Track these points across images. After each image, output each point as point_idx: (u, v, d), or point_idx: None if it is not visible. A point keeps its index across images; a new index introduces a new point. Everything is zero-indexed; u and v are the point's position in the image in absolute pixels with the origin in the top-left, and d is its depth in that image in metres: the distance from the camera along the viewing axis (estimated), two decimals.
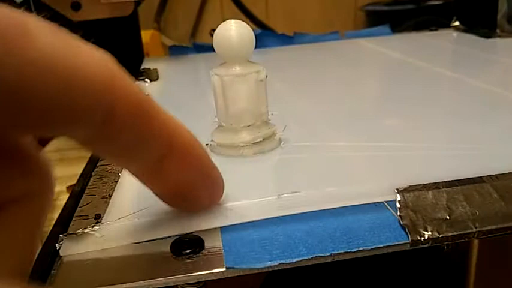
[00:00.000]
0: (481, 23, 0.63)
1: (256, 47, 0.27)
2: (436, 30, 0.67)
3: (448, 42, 0.61)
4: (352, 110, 0.36)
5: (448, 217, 0.20)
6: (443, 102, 0.38)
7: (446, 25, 0.68)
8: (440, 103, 0.37)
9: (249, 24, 0.27)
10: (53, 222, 0.34)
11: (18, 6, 0.62)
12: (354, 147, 0.27)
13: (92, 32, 0.56)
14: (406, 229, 0.19)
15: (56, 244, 0.20)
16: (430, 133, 0.30)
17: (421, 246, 0.19)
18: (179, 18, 1.01)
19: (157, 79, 0.48)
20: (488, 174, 0.22)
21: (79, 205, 0.23)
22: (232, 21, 0.26)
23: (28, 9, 0.59)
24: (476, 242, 0.28)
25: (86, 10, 0.55)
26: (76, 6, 0.55)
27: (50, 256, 0.20)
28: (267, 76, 0.27)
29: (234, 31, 0.26)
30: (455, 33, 0.64)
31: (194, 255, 0.19)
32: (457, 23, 0.66)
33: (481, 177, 0.22)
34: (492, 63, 0.49)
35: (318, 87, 0.44)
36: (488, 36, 0.59)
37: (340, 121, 0.33)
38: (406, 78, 0.45)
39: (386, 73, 0.49)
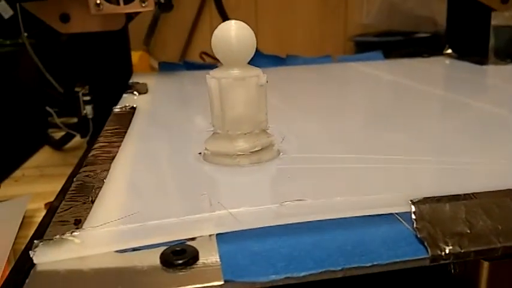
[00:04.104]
0: (473, 51, 0.63)
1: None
2: (428, 57, 0.67)
3: (441, 68, 0.60)
4: (350, 125, 0.34)
5: (469, 231, 0.18)
6: (441, 120, 0.37)
7: (437, 54, 0.68)
8: (437, 121, 0.36)
9: None
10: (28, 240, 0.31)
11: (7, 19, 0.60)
12: (357, 158, 0.26)
13: (81, 45, 0.55)
14: (425, 243, 0.17)
15: (30, 251, 0.17)
16: (434, 146, 0.28)
17: (442, 262, 0.17)
18: (169, 40, 1.00)
19: (146, 92, 0.46)
20: (507, 188, 0.21)
21: (57, 211, 0.21)
22: (233, 21, 0.25)
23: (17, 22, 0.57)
24: (486, 264, 0.26)
25: (75, 22, 0.53)
26: (65, 18, 0.53)
27: (24, 268, 0.17)
28: (267, 81, 0.25)
29: (234, 32, 0.24)
30: (447, 60, 0.64)
31: (187, 267, 0.17)
32: (449, 51, 0.66)
33: (499, 190, 0.20)
34: (486, 86, 0.49)
35: (313, 105, 0.42)
36: (480, 63, 0.59)
37: (339, 135, 0.32)
38: (400, 97, 0.44)
39: (380, 93, 0.48)
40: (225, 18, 0.77)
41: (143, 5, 0.50)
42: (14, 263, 0.39)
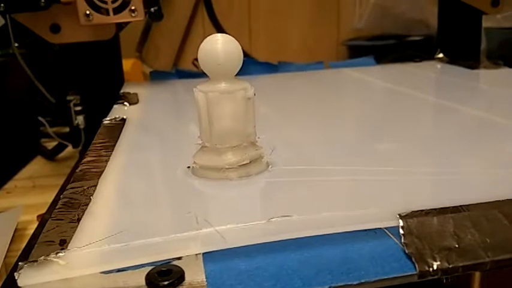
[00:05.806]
0: (465, 55, 0.63)
1: (240, 74, 0.25)
2: (420, 61, 0.67)
3: (432, 73, 0.60)
4: (341, 135, 0.34)
5: (457, 245, 0.18)
6: (433, 127, 0.37)
7: (429, 59, 0.68)
8: (429, 128, 0.36)
9: None
10: (20, 253, 0.31)
11: None
12: (346, 171, 0.26)
13: (72, 55, 0.54)
14: (413, 258, 0.17)
15: (15, 273, 0.17)
16: (423, 158, 0.28)
17: (430, 278, 0.17)
18: (161, 48, 1.00)
19: (137, 103, 0.46)
20: (495, 199, 0.21)
21: (43, 230, 0.20)
22: (219, 35, 0.25)
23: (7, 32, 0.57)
24: (477, 274, 0.26)
25: (66, 32, 0.53)
26: (55, 29, 0.53)
27: None
28: (255, 94, 0.25)
29: (220, 45, 0.24)
30: (439, 65, 0.64)
31: None
32: (441, 55, 0.66)
33: (487, 202, 0.20)
34: (477, 91, 0.49)
35: (304, 113, 0.42)
36: (472, 67, 0.59)
37: (329, 146, 0.31)
38: (392, 104, 0.44)
39: (372, 100, 0.48)
40: (216, 24, 0.77)
41: (133, 15, 0.50)
42: (5, 277, 0.39)
